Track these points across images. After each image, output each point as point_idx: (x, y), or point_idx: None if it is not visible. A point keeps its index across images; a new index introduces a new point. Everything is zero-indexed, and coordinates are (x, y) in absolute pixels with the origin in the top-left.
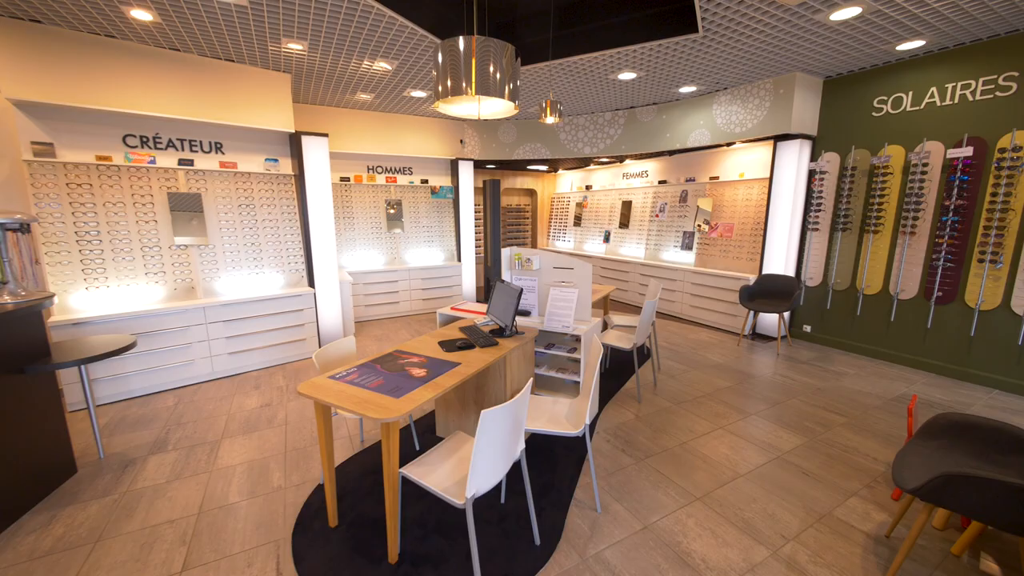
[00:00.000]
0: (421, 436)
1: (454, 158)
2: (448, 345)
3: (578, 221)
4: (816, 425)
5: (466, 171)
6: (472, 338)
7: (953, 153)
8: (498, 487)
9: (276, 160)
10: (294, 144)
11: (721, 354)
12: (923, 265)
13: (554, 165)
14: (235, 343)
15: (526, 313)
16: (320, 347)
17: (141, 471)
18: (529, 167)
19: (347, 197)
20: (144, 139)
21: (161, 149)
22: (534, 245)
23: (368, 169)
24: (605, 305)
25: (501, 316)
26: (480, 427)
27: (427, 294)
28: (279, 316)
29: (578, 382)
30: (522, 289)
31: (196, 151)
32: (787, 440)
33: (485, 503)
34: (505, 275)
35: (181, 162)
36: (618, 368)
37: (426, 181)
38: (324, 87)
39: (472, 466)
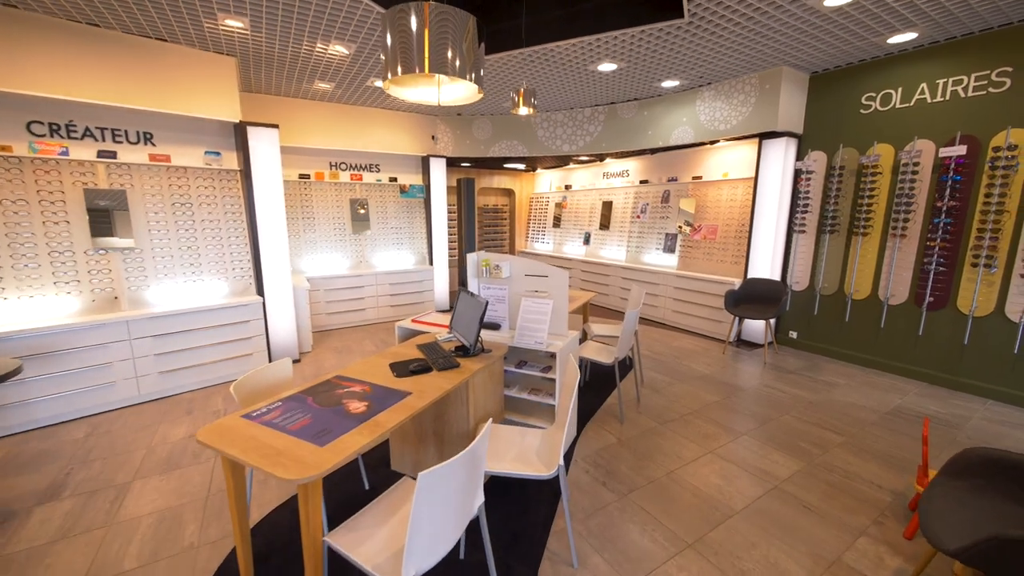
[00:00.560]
0: (373, 471)
1: (425, 155)
2: (400, 368)
3: (557, 222)
4: (812, 446)
5: (438, 169)
6: (430, 358)
7: (945, 152)
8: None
9: (218, 153)
10: (239, 136)
11: (706, 364)
12: (913, 269)
13: (532, 164)
14: (166, 361)
15: (495, 326)
16: (269, 362)
17: (21, 528)
18: (506, 165)
19: (307, 196)
20: (55, 127)
21: (76, 139)
22: (512, 247)
23: (331, 166)
24: (584, 312)
25: (464, 333)
26: (417, 495)
27: (396, 300)
28: (220, 329)
29: (553, 405)
30: (487, 302)
31: (120, 142)
32: (783, 465)
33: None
34: (471, 283)
35: (101, 154)
36: (598, 381)
37: (395, 179)
38: (277, 74)
39: (408, 544)
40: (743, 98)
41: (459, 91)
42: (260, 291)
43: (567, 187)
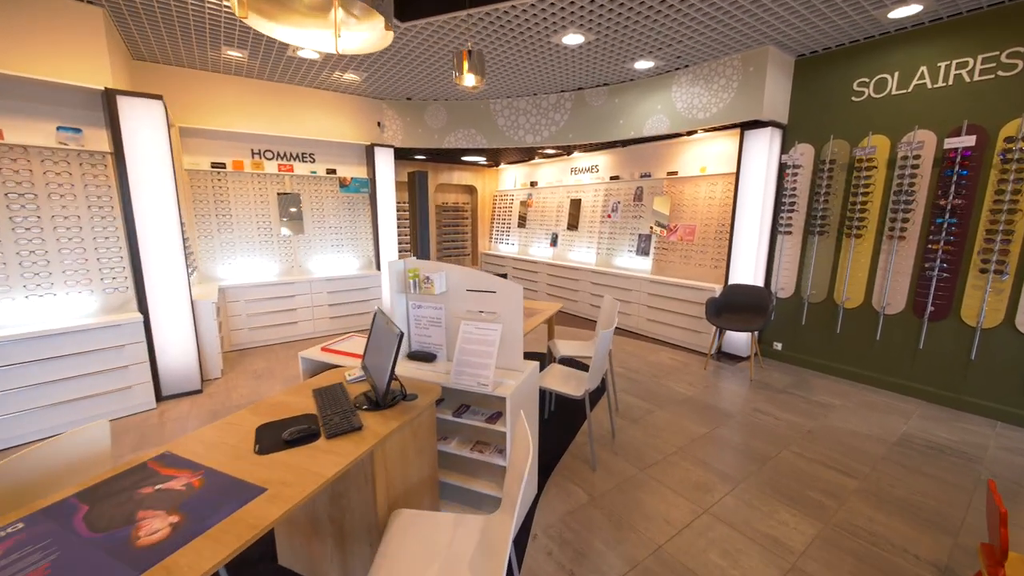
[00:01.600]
0: (251, 569)
1: (370, 144)
2: (269, 437)
3: (523, 222)
4: (824, 496)
5: (385, 160)
6: (323, 415)
7: (951, 143)
8: None
9: (79, 131)
10: (109, 108)
11: (688, 383)
12: (912, 275)
13: (494, 157)
14: None
15: (430, 357)
16: (157, 397)
17: None
18: (465, 159)
19: (222, 189)
20: None
21: None
22: (475, 248)
23: (253, 154)
24: (550, 326)
25: (376, 374)
26: None
27: (336, 311)
28: (80, 358)
29: (503, 466)
30: (402, 333)
31: None
32: (796, 530)
33: None
34: (396, 303)
35: None
36: (565, 412)
37: (334, 171)
38: (169, 35)
39: None
40: (724, 83)
41: (361, 36)
42: (143, 307)
43: (532, 184)
